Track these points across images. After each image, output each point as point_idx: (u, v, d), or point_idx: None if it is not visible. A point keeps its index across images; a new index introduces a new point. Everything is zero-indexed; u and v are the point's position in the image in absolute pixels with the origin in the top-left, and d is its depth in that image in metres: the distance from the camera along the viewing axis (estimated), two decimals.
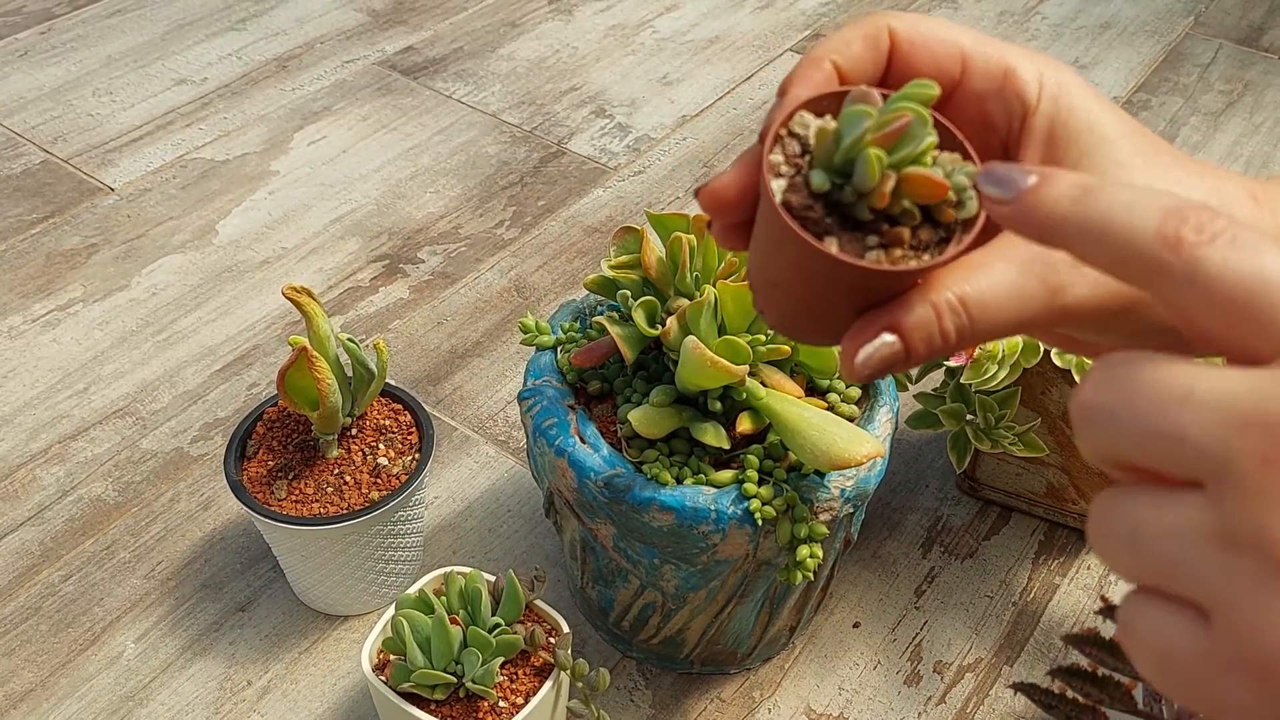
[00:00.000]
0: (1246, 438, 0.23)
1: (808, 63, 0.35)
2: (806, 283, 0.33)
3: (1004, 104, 0.35)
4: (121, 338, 1.03)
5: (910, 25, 0.35)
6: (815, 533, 0.65)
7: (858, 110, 0.31)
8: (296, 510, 0.74)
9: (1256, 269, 0.24)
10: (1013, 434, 0.79)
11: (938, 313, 0.32)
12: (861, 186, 0.32)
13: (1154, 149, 0.35)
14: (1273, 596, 0.22)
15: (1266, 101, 1.37)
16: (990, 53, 0.36)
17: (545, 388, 0.71)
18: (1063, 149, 0.35)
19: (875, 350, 0.32)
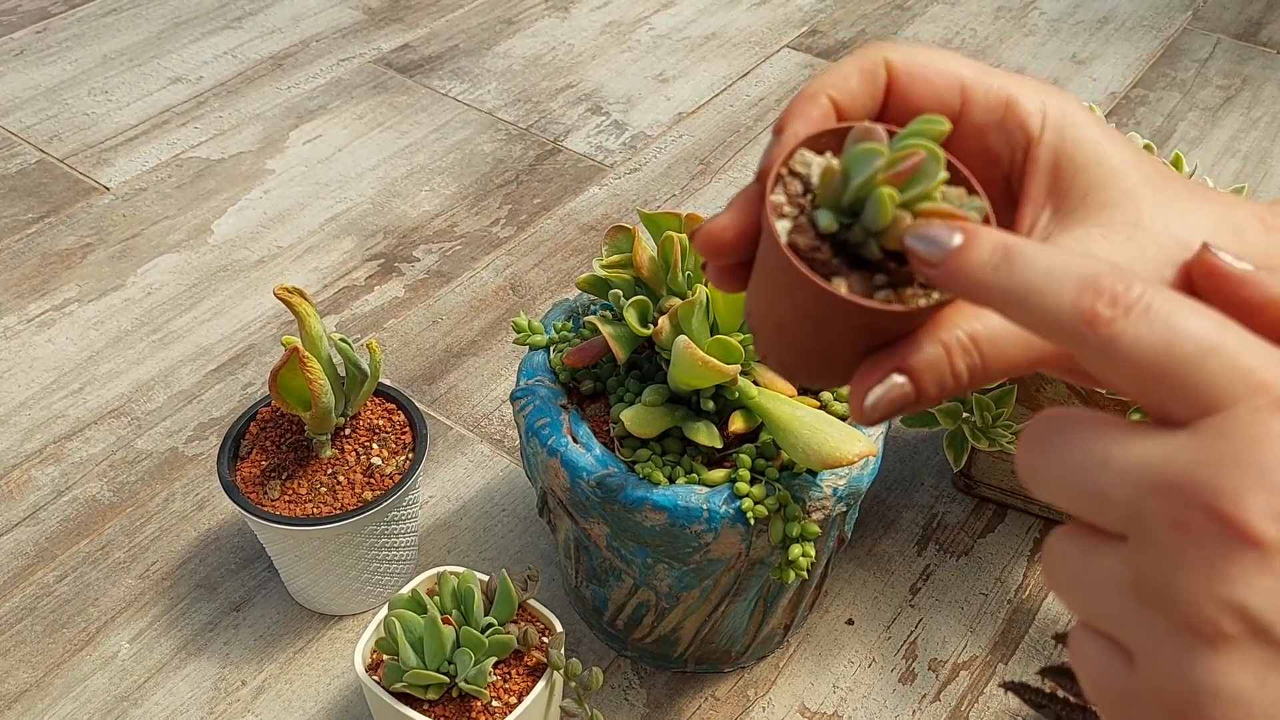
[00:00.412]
0: (1159, 502, 0.24)
1: (804, 99, 0.34)
2: (814, 326, 0.32)
3: (1006, 135, 0.35)
4: (116, 338, 1.03)
5: (908, 58, 0.35)
6: (807, 532, 0.65)
7: (867, 149, 0.31)
8: (290, 510, 0.74)
9: (1167, 341, 0.25)
10: (1010, 432, 0.78)
11: (948, 352, 0.31)
12: (873, 226, 0.31)
13: (1163, 178, 0.35)
14: (1180, 651, 0.24)
15: (1264, 96, 1.37)
16: (991, 83, 0.35)
17: (538, 387, 0.71)
18: (1069, 181, 0.34)
19: (885, 392, 0.32)
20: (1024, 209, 0.35)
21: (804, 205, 0.32)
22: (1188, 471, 0.24)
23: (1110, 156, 0.34)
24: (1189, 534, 0.24)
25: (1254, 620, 0.23)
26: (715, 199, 1.21)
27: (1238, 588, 0.23)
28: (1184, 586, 0.24)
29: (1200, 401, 0.25)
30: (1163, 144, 1.29)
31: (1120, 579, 0.25)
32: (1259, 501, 0.23)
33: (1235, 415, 0.24)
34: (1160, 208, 0.34)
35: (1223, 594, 0.23)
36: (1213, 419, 0.24)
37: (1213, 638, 0.24)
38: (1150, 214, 0.33)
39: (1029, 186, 0.35)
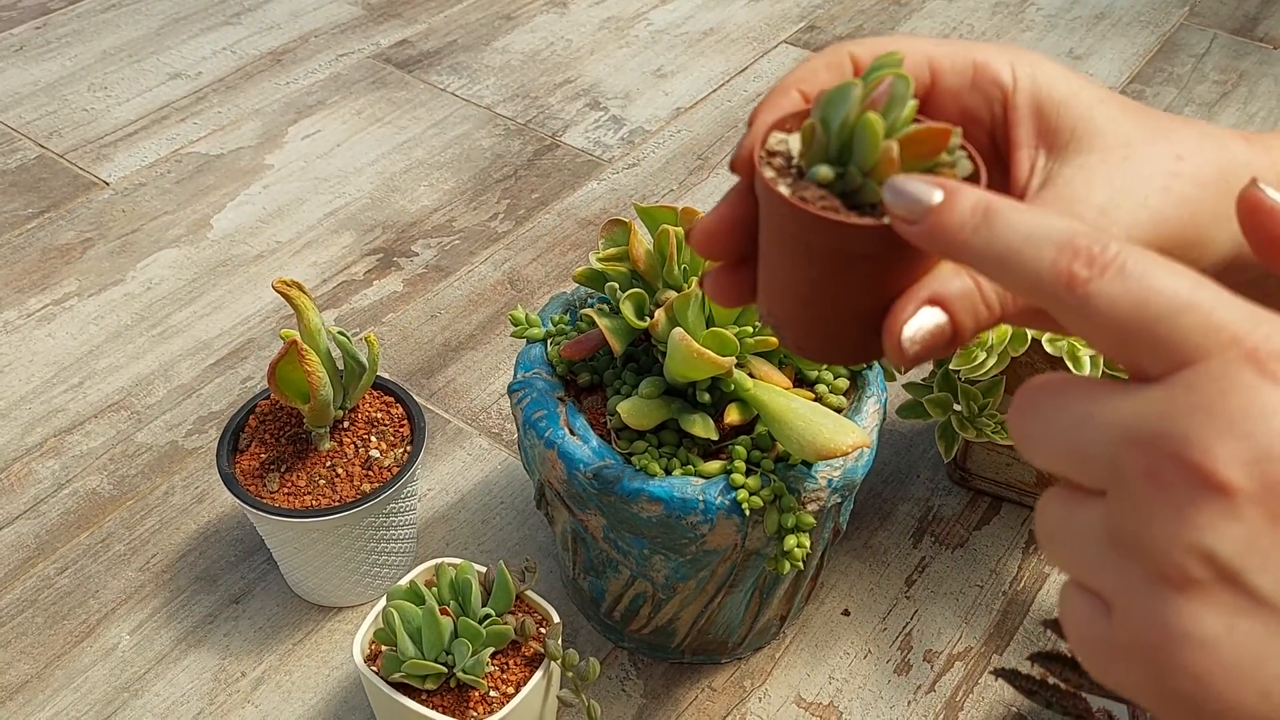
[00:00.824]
0: (1132, 454, 0.25)
1: (775, 92, 0.36)
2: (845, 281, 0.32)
3: (981, 93, 0.36)
4: (116, 332, 1.03)
5: (871, 48, 0.36)
6: (802, 523, 0.65)
7: (841, 86, 0.31)
8: (289, 503, 0.74)
9: (1141, 298, 0.26)
10: (995, 422, 0.79)
11: (977, 282, 0.32)
12: (865, 161, 0.31)
13: (1137, 106, 0.36)
14: (1152, 598, 0.25)
15: (1261, 91, 1.38)
16: (956, 50, 0.36)
17: (535, 380, 0.72)
18: (1054, 119, 0.35)
19: (922, 324, 0.31)
20: (1018, 155, 0.36)
21: (792, 174, 0.33)
22: (1159, 424, 0.25)
23: (1084, 90, 0.36)
24: (1160, 483, 0.24)
25: (1222, 565, 0.24)
26: (713, 194, 1.21)
27: (1206, 534, 0.24)
28: (1155, 534, 0.24)
29: (1173, 356, 0.25)
30: None
31: (1098, 531, 0.26)
32: (1227, 449, 0.24)
33: (1206, 368, 0.25)
34: (1146, 129, 0.35)
35: (1191, 540, 0.24)
36: (1185, 372, 0.25)
37: (1182, 583, 0.24)
38: (1138, 135, 0.35)
39: (1016, 135, 0.36)
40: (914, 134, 0.31)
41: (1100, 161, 0.34)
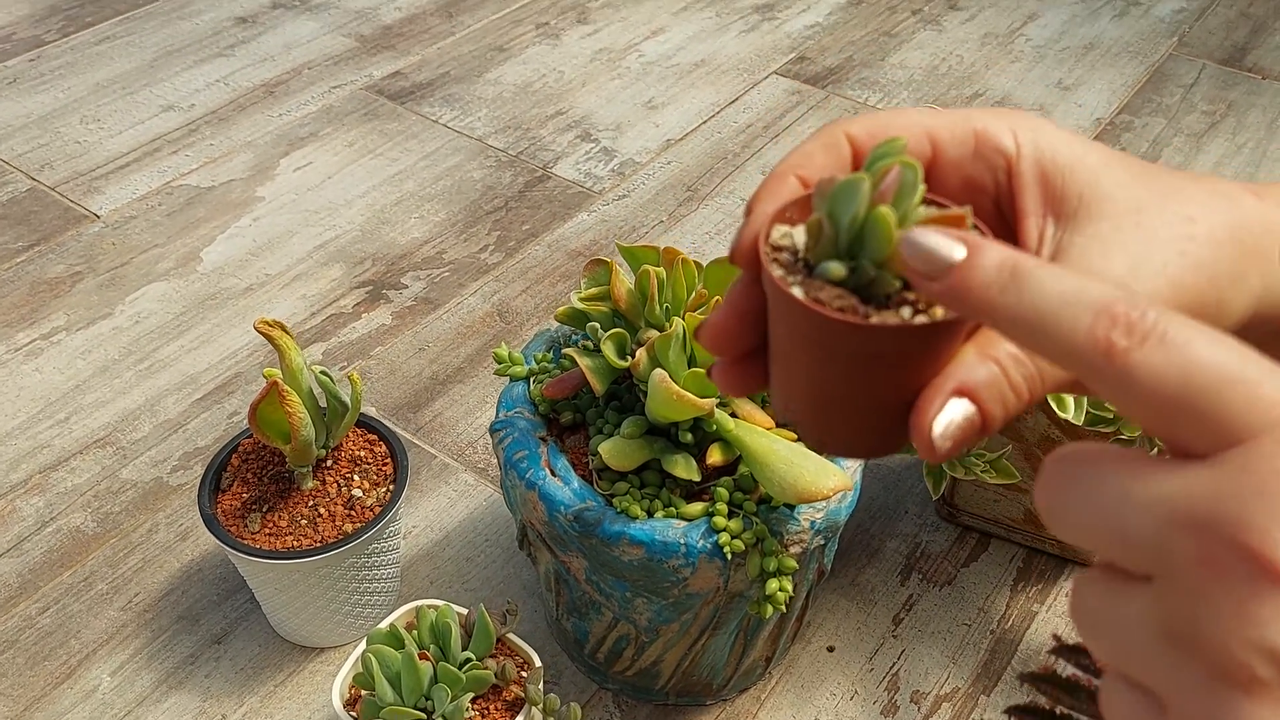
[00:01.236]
0: (1182, 538, 0.23)
1: (772, 178, 0.34)
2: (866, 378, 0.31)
3: (984, 162, 0.35)
4: (103, 367, 1.03)
5: (866, 125, 0.35)
6: (785, 566, 0.65)
7: (849, 180, 0.30)
8: (270, 543, 0.74)
9: (1184, 371, 0.24)
10: (984, 461, 0.79)
11: (1002, 367, 0.30)
12: (878, 254, 0.30)
13: (1142, 167, 0.35)
14: (1214, 699, 0.23)
15: (1249, 122, 1.38)
16: (955, 121, 0.35)
17: (517, 419, 0.71)
18: (1060, 186, 0.34)
19: (951, 418, 0.30)
20: (1026, 224, 0.35)
21: (800, 271, 0.31)
22: (1211, 506, 0.23)
23: (1090, 154, 0.35)
24: (1215, 571, 0.23)
25: None
26: (702, 225, 1.21)
27: (1269, 629, 0.22)
28: (1213, 628, 0.23)
29: (1221, 433, 0.24)
30: None
31: (1148, 622, 0.24)
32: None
33: (1259, 447, 0.23)
34: (1154, 191, 0.34)
35: (1253, 636, 0.22)
36: (1235, 450, 0.24)
37: (1247, 682, 0.22)
38: (1148, 198, 0.34)
39: (1022, 203, 0.35)
40: (927, 221, 0.30)
41: (1113, 229, 0.33)
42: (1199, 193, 0.34)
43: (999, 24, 1.58)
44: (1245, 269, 0.33)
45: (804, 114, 1.39)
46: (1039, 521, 0.86)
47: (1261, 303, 0.34)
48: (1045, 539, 0.87)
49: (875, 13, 1.61)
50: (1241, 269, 0.33)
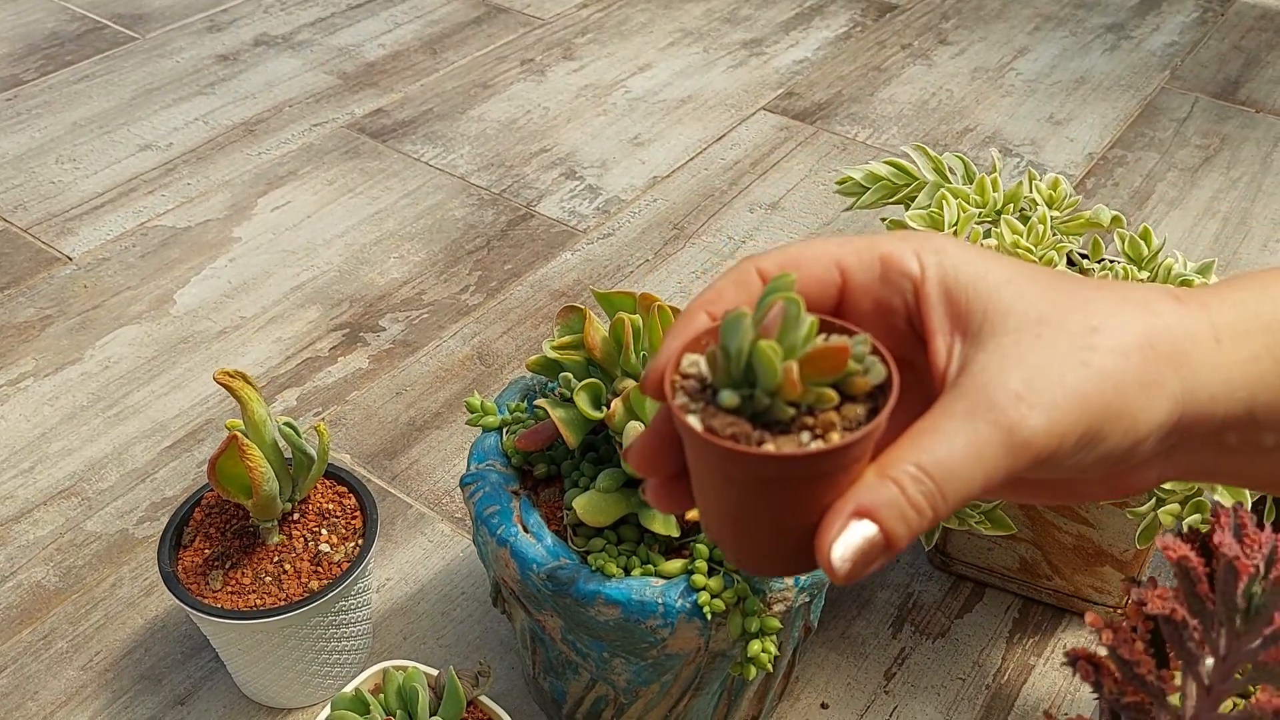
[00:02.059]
0: None
1: (684, 316, 0.36)
2: (765, 502, 0.33)
3: (892, 286, 0.36)
4: (71, 414, 1.00)
5: (776, 259, 0.36)
6: (768, 626, 0.62)
7: (733, 316, 0.32)
8: (232, 602, 0.71)
9: None
10: (979, 512, 0.76)
11: (900, 486, 0.32)
12: (768, 384, 0.31)
13: (1050, 277, 0.36)
14: None
15: (1243, 156, 1.36)
16: (861, 247, 0.36)
17: (489, 472, 0.68)
18: (964, 305, 0.35)
19: (850, 541, 0.31)
20: (934, 343, 0.36)
21: (705, 398, 0.33)
22: None
23: (992, 271, 0.35)
24: None
25: None
26: (689, 264, 1.19)
27: None
28: None
29: None
30: (1142, 204, 1.28)
31: None
32: None
33: None
34: (1058, 302, 0.34)
35: None
36: None
37: None
38: (1050, 310, 0.34)
39: (930, 323, 0.36)
40: (813, 353, 0.32)
41: (1013, 344, 0.34)
42: (1107, 303, 0.34)
43: (989, 58, 1.56)
44: (1159, 375, 0.33)
45: (792, 150, 1.37)
46: (1034, 571, 0.83)
47: (1187, 406, 0.34)
48: (1042, 589, 0.84)
49: (864, 48, 1.60)
50: (1154, 376, 0.33)
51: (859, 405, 0.33)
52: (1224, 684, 0.38)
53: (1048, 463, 0.33)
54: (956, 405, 0.33)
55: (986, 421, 0.32)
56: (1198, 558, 0.37)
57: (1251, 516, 0.38)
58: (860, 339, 0.33)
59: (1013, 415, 0.32)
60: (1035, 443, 0.32)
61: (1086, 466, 0.34)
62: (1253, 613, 0.36)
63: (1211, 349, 0.34)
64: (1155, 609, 0.35)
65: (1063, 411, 0.32)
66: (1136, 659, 0.36)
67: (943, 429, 0.32)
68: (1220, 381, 0.34)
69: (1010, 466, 0.32)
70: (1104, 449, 0.33)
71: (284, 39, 1.58)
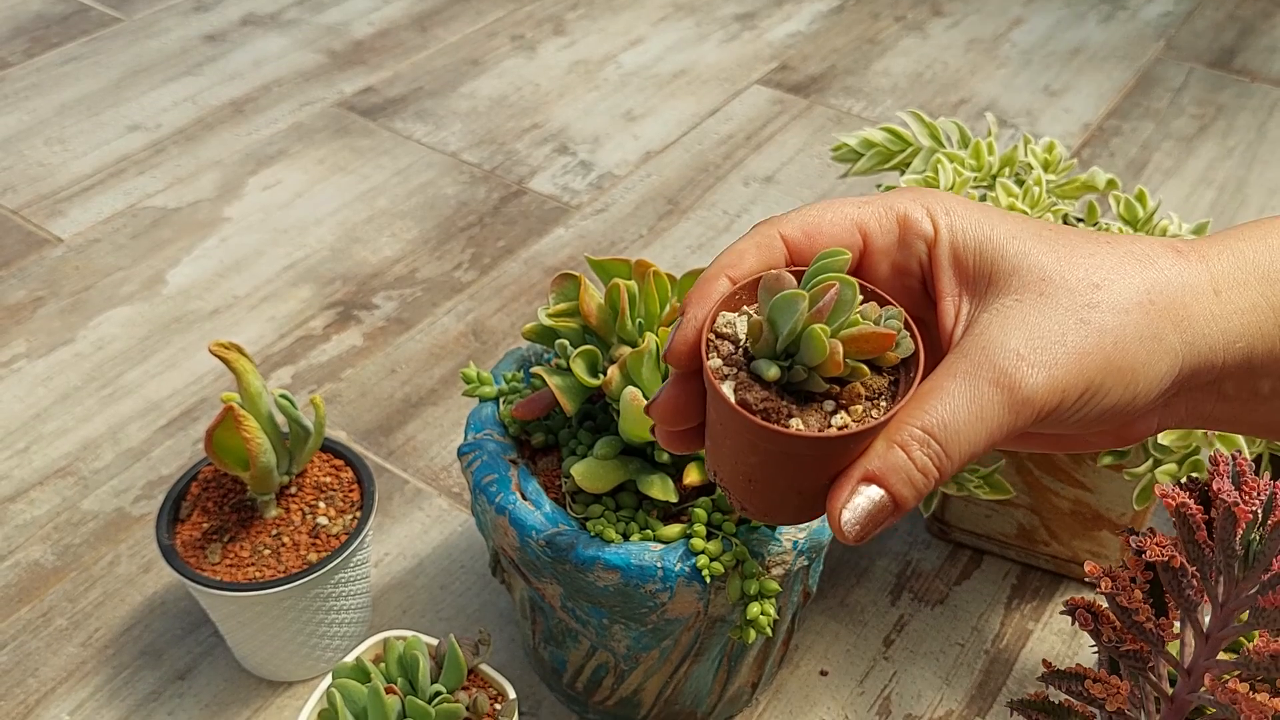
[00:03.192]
0: None
1: (704, 282, 0.36)
2: (784, 470, 0.34)
3: (908, 249, 0.37)
4: (65, 394, 1.00)
5: (798, 223, 0.37)
6: (766, 589, 0.62)
7: (789, 296, 0.32)
8: (231, 575, 0.70)
9: None
10: (978, 477, 0.76)
11: (905, 450, 0.33)
12: (812, 362, 0.32)
13: (1055, 233, 0.36)
14: None
15: (1239, 125, 1.36)
16: (880, 210, 0.37)
17: (486, 442, 0.68)
18: (971, 266, 0.36)
19: (859, 504, 0.33)
20: (943, 305, 0.36)
21: (739, 361, 0.34)
22: None
23: (997, 230, 0.36)
24: None
25: None
26: (683, 238, 1.18)
27: None
28: None
29: None
30: (1138, 174, 1.28)
31: None
32: None
33: None
34: (1062, 259, 0.35)
35: None
36: None
37: None
38: (1054, 267, 0.35)
39: (939, 285, 0.37)
40: (858, 335, 0.33)
41: (1016, 302, 0.34)
42: (1110, 258, 0.35)
43: (984, 30, 1.56)
44: (1159, 329, 0.34)
45: (787, 123, 1.37)
46: (1032, 537, 0.83)
47: (1187, 358, 0.35)
48: (1039, 555, 0.84)
49: (858, 20, 1.59)
50: (1154, 330, 0.34)
51: (883, 376, 0.34)
52: (1222, 630, 0.38)
53: (1050, 418, 0.34)
54: (959, 365, 0.34)
55: (988, 381, 0.33)
56: (1196, 505, 0.36)
57: (1250, 464, 0.38)
58: (894, 312, 0.34)
59: (1014, 375, 0.33)
60: (1036, 400, 0.33)
61: (1090, 421, 0.35)
62: (1251, 559, 0.36)
63: (1211, 300, 0.35)
64: (1154, 556, 0.35)
65: (1063, 370, 0.33)
66: (1135, 606, 0.36)
67: (946, 390, 0.33)
68: (1219, 333, 0.35)
69: (1013, 424, 0.33)
70: (1106, 404, 0.34)
71: (271, 18, 1.57)
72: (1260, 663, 0.35)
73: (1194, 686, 0.40)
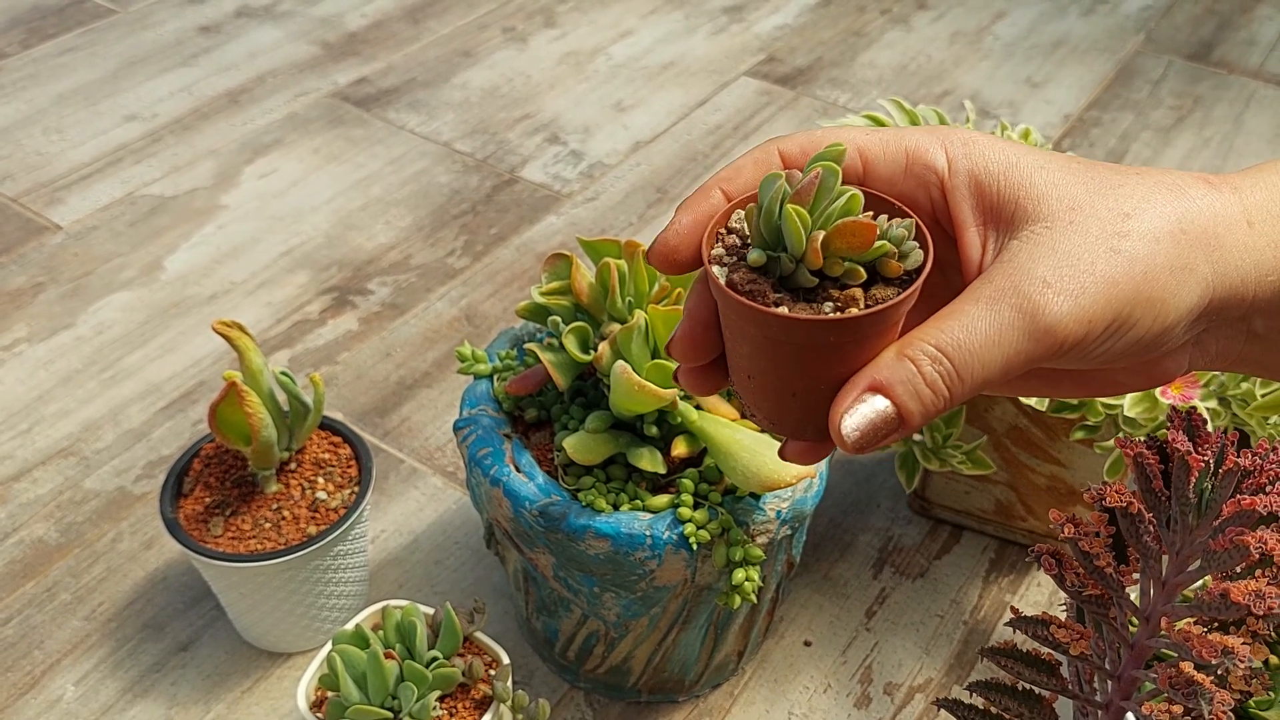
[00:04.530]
0: None
1: (698, 192, 0.36)
2: (773, 360, 0.33)
3: (916, 179, 0.36)
4: (66, 377, 1.02)
5: (798, 141, 0.36)
6: (751, 556, 0.64)
7: (771, 176, 0.32)
8: (233, 547, 0.73)
9: None
10: (960, 452, 0.78)
11: (916, 364, 0.32)
12: (793, 250, 0.32)
13: (1082, 164, 0.35)
14: None
15: (1215, 116, 1.38)
16: (887, 139, 0.36)
17: (481, 417, 0.71)
18: (995, 195, 0.35)
19: (863, 413, 0.32)
20: (966, 236, 0.35)
21: (740, 252, 0.34)
22: None
23: (1023, 159, 0.35)
24: None
25: None
26: None
27: None
28: None
29: None
30: (1116, 163, 1.30)
31: None
32: None
33: None
34: (1091, 189, 0.34)
35: None
36: None
37: None
38: (1084, 196, 0.34)
39: (960, 216, 0.35)
40: (840, 226, 0.31)
41: (1045, 230, 0.33)
42: (1140, 187, 0.34)
43: (968, 22, 1.58)
44: (1190, 260, 0.33)
45: (774, 114, 1.39)
46: (1010, 512, 0.85)
47: (1216, 290, 0.34)
48: (1016, 530, 0.86)
49: (844, 13, 1.61)
50: (1185, 260, 0.33)
51: (891, 288, 0.33)
52: (1178, 576, 0.40)
53: (1075, 350, 0.33)
54: (983, 290, 0.33)
55: (1010, 306, 0.32)
56: (1153, 455, 0.39)
57: (1204, 419, 0.41)
58: (905, 223, 0.33)
59: (1038, 300, 0.32)
60: (1060, 329, 0.32)
61: (1116, 354, 0.34)
62: (1204, 507, 0.39)
63: (1244, 231, 0.34)
64: (1113, 501, 0.38)
65: (1090, 299, 0.32)
66: (1095, 551, 0.39)
67: (966, 312, 0.32)
68: (1252, 265, 0.34)
69: (1031, 352, 0.32)
70: (1133, 335, 0.33)
71: (265, 10, 1.59)
72: (1211, 603, 0.38)
73: (1152, 632, 0.42)
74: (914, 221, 0.33)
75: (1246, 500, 0.37)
